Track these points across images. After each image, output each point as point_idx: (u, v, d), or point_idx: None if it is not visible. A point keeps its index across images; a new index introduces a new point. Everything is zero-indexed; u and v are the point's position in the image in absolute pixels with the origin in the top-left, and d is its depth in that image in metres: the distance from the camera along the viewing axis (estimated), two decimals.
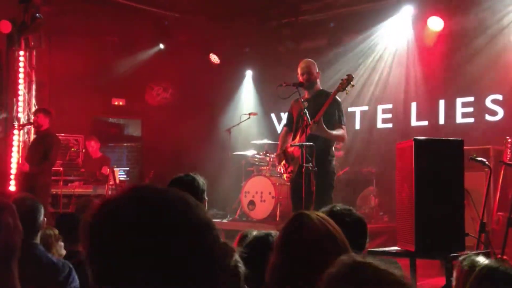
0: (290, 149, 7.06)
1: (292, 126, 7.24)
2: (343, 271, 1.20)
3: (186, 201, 1.25)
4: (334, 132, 6.79)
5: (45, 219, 3.78)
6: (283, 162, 7.20)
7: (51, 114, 9.45)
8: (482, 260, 2.70)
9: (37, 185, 9.03)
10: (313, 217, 2.31)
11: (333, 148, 7.14)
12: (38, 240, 3.64)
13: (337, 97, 6.86)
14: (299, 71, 7.01)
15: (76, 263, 3.67)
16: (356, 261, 1.23)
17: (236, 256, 2.47)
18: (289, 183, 7.37)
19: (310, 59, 7.23)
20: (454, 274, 2.77)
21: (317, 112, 6.63)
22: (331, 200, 6.69)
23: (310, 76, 6.91)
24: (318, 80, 7.09)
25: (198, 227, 1.22)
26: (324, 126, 6.62)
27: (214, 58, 12.90)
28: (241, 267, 2.49)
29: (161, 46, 13.06)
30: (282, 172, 7.29)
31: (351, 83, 6.66)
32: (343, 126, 6.97)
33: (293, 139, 7.11)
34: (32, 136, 10.13)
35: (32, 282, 2.05)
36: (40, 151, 9.20)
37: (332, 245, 2.23)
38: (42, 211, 3.68)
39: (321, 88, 7.15)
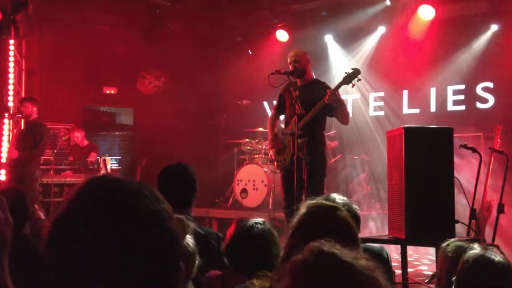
0: (282, 137, 7.07)
1: (281, 111, 7.28)
2: (307, 259, 1.22)
3: (138, 191, 1.23)
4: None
5: (37, 208, 3.77)
6: (274, 148, 7.18)
7: (38, 101, 9.35)
8: (468, 246, 2.69)
9: (26, 175, 8.99)
10: (344, 213, 2.37)
11: (325, 136, 7.17)
12: (27, 230, 3.64)
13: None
14: (288, 60, 7.03)
15: None
16: (321, 250, 1.24)
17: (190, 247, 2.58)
18: (279, 171, 7.38)
19: (299, 49, 7.25)
20: (438, 261, 2.76)
21: (309, 100, 6.67)
22: (323, 188, 6.74)
23: (297, 64, 6.92)
24: (309, 69, 7.10)
25: (148, 217, 1.20)
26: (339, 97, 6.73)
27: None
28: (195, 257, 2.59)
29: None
30: (273, 159, 7.28)
31: (358, 77, 6.67)
32: None
33: (286, 127, 7.13)
34: (23, 126, 10.07)
35: (23, 274, 2.02)
36: (29, 140, 9.12)
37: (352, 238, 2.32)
38: (29, 201, 3.66)
39: (314, 77, 7.16)
